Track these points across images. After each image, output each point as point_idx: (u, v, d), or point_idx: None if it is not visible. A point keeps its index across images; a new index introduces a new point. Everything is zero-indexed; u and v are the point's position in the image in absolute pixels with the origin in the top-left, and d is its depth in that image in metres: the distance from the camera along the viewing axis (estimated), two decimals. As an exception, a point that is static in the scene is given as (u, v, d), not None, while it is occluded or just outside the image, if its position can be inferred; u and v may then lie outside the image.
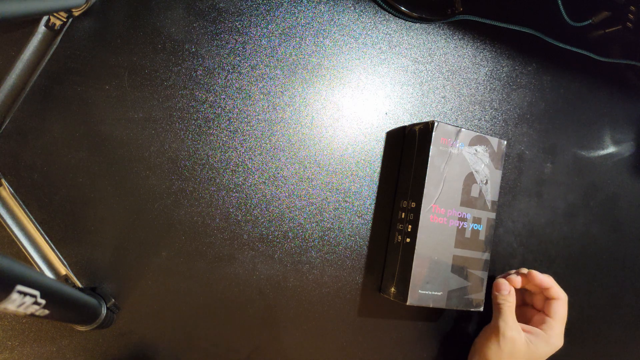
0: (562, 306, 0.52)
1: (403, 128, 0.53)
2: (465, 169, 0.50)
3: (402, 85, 0.53)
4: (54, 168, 0.41)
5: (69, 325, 0.41)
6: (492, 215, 0.51)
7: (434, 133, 0.48)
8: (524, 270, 0.53)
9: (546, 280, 0.52)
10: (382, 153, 0.52)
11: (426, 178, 0.47)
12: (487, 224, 0.51)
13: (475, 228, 0.50)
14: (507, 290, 0.51)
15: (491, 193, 0.51)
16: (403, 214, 0.50)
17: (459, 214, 0.49)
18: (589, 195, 0.64)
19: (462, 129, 0.49)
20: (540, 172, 0.60)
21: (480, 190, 0.51)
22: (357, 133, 0.51)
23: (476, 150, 0.50)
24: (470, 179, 0.50)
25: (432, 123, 0.48)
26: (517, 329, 0.50)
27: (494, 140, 0.51)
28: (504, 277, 0.53)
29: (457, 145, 0.49)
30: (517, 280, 0.52)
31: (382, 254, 0.52)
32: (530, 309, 0.55)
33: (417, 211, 0.48)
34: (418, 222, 0.47)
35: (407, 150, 0.52)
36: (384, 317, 0.52)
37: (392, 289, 0.49)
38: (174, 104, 0.44)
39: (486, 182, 0.51)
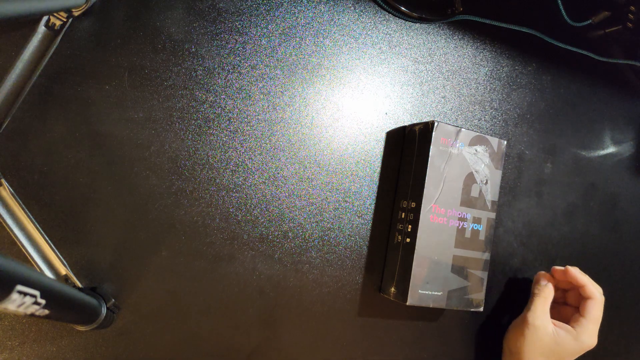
0: (596, 306, 0.51)
1: (403, 128, 0.53)
2: (465, 169, 0.50)
3: (402, 85, 0.53)
4: (54, 168, 0.41)
5: (69, 325, 0.41)
6: (492, 215, 0.51)
7: (434, 133, 0.48)
8: (563, 268, 0.54)
9: (580, 277, 0.52)
10: (382, 153, 0.52)
11: (426, 178, 0.47)
12: (487, 224, 0.51)
13: (475, 228, 0.50)
14: (545, 282, 0.53)
15: (491, 193, 0.51)
16: (403, 214, 0.50)
17: (459, 214, 0.49)
18: (589, 195, 0.64)
19: (462, 129, 0.49)
20: (540, 172, 0.60)
21: (480, 190, 0.51)
22: (357, 133, 0.51)
23: (476, 150, 0.50)
24: (470, 179, 0.50)
25: (432, 123, 0.48)
26: (542, 318, 0.50)
27: (494, 140, 0.51)
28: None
29: (457, 145, 0.49)
30: (559, 272, 0.53)
31: (382, 254, 0.52)
32: (570, 308, 0.55)
33: (417, 211, 0.48)
34: (418, 222, 0.47)
35: (407, 150, 0.52)
36: (384, 317, 0.52)
37: (392, 289, 0.49)
38: (174, 104, 0.44)
39: (486, 182, 0.51)
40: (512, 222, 0.59)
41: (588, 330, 0.51)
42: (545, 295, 0.52)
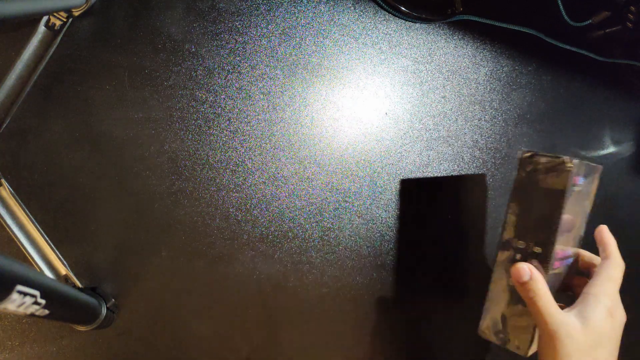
0: (612, 264, 0.44)
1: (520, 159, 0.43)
2: (586, 204, 0.45)
3: (402, 85, 0.53)
4: (54, 168, 0.41)
5: (69, 325, 0.41)
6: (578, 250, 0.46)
7: (571, 173, 0.39)
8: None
9: (607, 237, 0.45)
10: (382, 153, 0.52)
11: (560, 224, 0.40)
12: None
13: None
14: (528, 276, 0.39)
15: (583, 227, 0.47)
16: (518, 255, 0.42)
17: (563, 253, 0.43)
18: (589, 195, 0.64)
19: (596, 165, 0.43)
20: (540, 172, 0.60)
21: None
22: (357, 133, 0.51)
23: (587, 182, 0.44)
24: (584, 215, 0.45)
25: (570, 162, 0.39)
26: (556, 315, 0.38)
27: (599, 168, 0.45)
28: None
29: (579, 181, 0.42)
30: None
31: (381, 254, 0.52)
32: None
33: (545, 258, 0.40)
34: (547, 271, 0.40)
35: (524, 179, 0.42)
36: (384, 316, 0.52)
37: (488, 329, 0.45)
38: (174, 104, 0.44)
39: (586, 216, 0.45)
40: (512, 222, 0.59)
41: (601, 289, 0.42)
42: (540, 288, 0.39)
